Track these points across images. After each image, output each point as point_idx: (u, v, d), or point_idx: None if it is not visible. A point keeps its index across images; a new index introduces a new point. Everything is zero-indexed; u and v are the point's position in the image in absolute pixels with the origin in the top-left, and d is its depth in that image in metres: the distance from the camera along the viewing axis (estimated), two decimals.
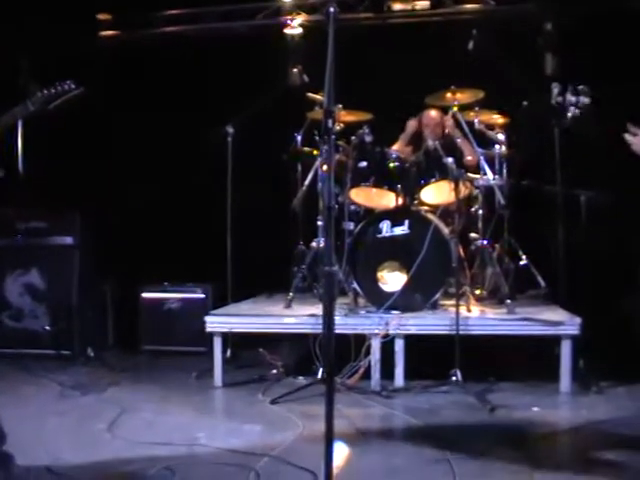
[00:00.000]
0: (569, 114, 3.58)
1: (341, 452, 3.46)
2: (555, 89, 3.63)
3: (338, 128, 5.54)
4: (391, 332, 4.69)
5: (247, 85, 6.31)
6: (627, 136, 3.54)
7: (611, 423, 3.90)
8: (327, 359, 2.77)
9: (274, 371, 4.98)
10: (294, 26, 6.82)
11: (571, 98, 3.58)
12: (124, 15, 7.14)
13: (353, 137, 5.38)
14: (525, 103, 5.58)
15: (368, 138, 5.30)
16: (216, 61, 6.76)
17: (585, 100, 3.58)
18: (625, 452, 3.44)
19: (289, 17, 6.93)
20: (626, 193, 5.11)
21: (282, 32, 6.80)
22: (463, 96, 5.72)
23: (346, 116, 5.78)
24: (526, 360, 5.13)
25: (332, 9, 2.92)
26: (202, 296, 5.95)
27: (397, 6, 6.85)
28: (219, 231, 5.86)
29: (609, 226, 5.50)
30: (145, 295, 6.05)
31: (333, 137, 2.81)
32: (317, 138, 5.66)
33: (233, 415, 4.31)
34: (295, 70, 5.91)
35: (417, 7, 6.83)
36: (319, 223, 5.67)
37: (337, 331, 4.51)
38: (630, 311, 4.93)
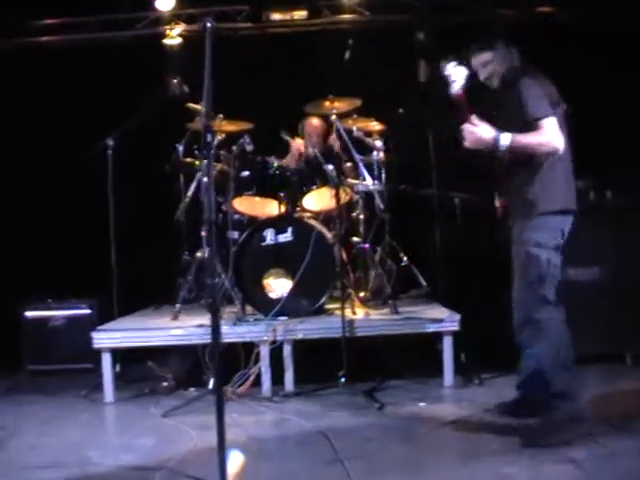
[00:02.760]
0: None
1: (236, 460, 3.51)
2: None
3: (220, 138, 5.57)
4: (279, 338, 4.77)
5: (127, 96, 6.23)
6: (467, 128, 3.69)
7: (490, 412, 4.09)
8: (216, 369, 2.80)
9: (165, 384, 4.96)
10: (173, 36, 6.81)
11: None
12: None
13: (234, 147, 5.43)
14: (401, 110, 5.79)
15: (249, 147, 5.36)
16: (95, 72, 6.63)
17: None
18: (506, 437, 3.65)
19: (168, 27, 6.89)
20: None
21: (161, 42, 6.78)
22: (341, 104, 5.84)
23: (227, 126, 5.78)
24: (411, 358, 5.28)
25: (209, 23, 2.96)
26: (88, 311, 5.82)
27: (275, 16, 6.93)
28: (103, 244, 5.75)
29: (483, 226, 5.75)
30: (28, 314, 5.85)
31: (212, 151, 2.84)
32: (197, 152, 5.67)
33: (125, 430, 4.24)
34: (175, 81, 5.87)
35: (295, 17, 6.94)
36: (203, 234, 5.67)
37: (226, 340, 4.65)
38: (506, 305, 5.21)
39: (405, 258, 6.06)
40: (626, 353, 5.15)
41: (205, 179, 5.43)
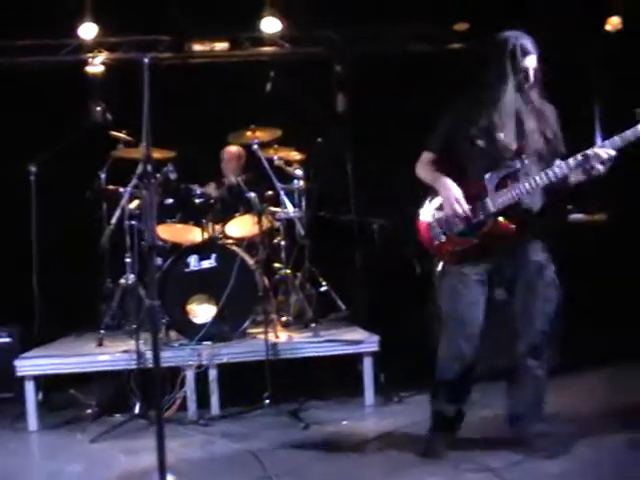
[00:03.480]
0: None
1: None
2: None
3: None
4: (204, 363, 4.86)
5: (50, 123, 6.26)
6: None
7: (410, 427, 4.27)
8: (155, 392, 2.90)
9: (89, 411, 4.95)
10: (96, 64, 6.86)
11: None
12: None
13: (158, 174, 5.50)
14: (320, 140, 6.02)
15: (172, 175, 5.45)
16: (18, 97, 6.62)
17: None
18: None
19: (91, 55, 6.95)
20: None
21: (84, 69, 6.82)
22: (263, 134, 6.00)
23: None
24: (333, 379, 5.40)
25: (146, 59, 3.09)
26: (8, 340, 5.69)
27: (197, 47, 7.09)
28: (24, 271, 5.73)
29: (399, 249, 6.00)
30: None
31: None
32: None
33: (53, 458, 4.23)
34: (98, 108, 5.93)
35: (216, 48, 7.10)
36: (127, 260, 5.71)
37: (152, 365, 4.70)
38: (424, 324, 5.45)
39: (324, 283, 6.24)
40: None
41: (131, 206, 5.57)
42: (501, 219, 3.57)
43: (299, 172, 6.00)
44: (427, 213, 3.76)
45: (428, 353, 3.99)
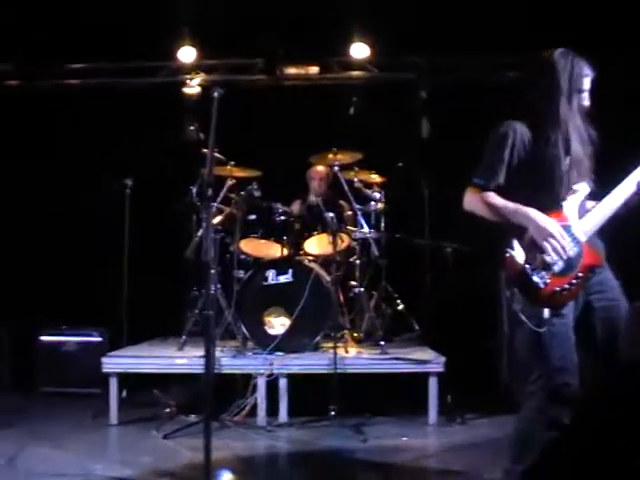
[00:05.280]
0: None
1: (225, 478, 3.85)
2: None
3: (230, 183, 6.00)
4: (275, 371, 5.11)
5: (147, 140, 6.67)
6: None
7: (469, 449, 4.41)
8: (206, 396, 3.13)
9: (167, 410, 5.24)
10: (192, 85, 7.28)
11: None
12: (27, 66, 7.33)
13: (242, 192, 5.83)
14: (400, 164, 6.20)
15: (257, 193, 5.76)
16: (118, 115, 7.02)
17: None
18: (479, 471, 3.94)
19: (188, 77, 7.36)
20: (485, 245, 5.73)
21: (181, 90, 7.25)
22: (344, 157, 6.20)
23: (237, 172, 6.16)
24: (399, 396, 5.53)
25: (216, 93, 3.36)
26: (99, 339, 6.12)
27: (290, 70, 7.39)
28: (118, 276, 6.13)
29: (472, 274, 6.07)
30: (43, 338, 6.17)
31: (213, 203, 3.13)
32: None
33: (127, 449, 4.58)
34: (192, 127, 6.31)
35: (309, 71, 7.39)
36: (212, 271, 6.04)
37: (225, 371, 5.02)
38: (492, 350, 5.53)
39: (400, 302, 6.40)
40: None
41: (215, 221, 5.89)
42: (589, 247, 3.19)
43: (377, 194, 6.16)
44: (519, 256, 3.11)
45: (496, 378, 4.06)
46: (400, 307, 6.40)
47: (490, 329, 5.42)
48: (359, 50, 7.11)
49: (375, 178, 6.38)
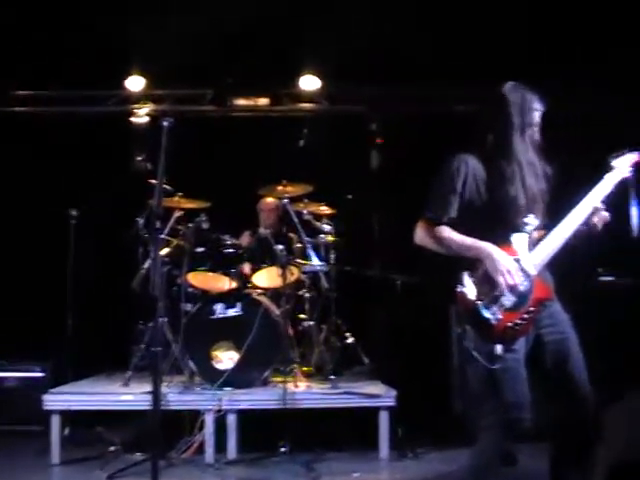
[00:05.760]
0: None
1: None
2: None
3: (178, 215, 5.91)
4: (224, 407, 5.00)
5: (94, 170, 6.55)
6: None
7: None
8: (152, 433, 3.04)
9: (112, 448, 5.08)
10: (141, 115, 7.20)
11: None
12: None
13: (190, 224, 5.75)
14: (349, 196, 6.21)
15: (205, 225, 5.70)
16: (64, 144, 6.92)
17: None
18: None
19: (136, 106, 7.28)
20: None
21: (129, 120, 7.16)
22: (293, 189, 6.19)
23: (185, 203, 6.06)
24: (349, 431, 5.46)
25: (165, 122, 3.31)
26: (41, 374, 5.95)
27: (240, 101, 7.37)
28: (59, 309, 5.97)
29: (422, 305, 6.07)
30: None
31: (160, 235, 3.08)
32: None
33: None
34: (140, 158, 6.22)
35: (259, 103, 7.39)
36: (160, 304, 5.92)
37: (173, 407, 4.89)
38: (444, 381, 5.52)
39: (350, 335, 6.35)
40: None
41: (162, 253, 5.79)
42: (539, 281, 3.15)
43: (327, 227, 6.16)
44: (470, 292, 3.07)
45: (447, 411, 4.03)
46: (350, 340, 6.35)
47: (440, 360, 5.43)
48: (309, 82, 7.14)
49: (325, 210, 6.37)
